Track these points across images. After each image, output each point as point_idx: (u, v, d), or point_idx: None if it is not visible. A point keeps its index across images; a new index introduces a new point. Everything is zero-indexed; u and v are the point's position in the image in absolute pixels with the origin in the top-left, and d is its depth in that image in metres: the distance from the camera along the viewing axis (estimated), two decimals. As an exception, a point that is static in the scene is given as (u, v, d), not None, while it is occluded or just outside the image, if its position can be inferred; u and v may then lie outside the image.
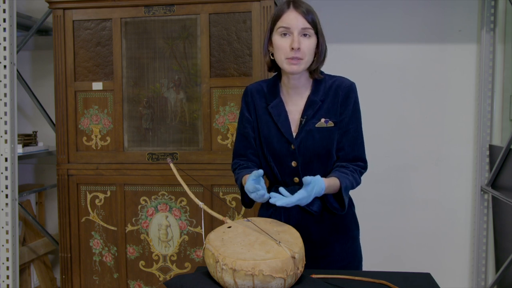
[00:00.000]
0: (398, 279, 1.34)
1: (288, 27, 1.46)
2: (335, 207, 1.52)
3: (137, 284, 2.50)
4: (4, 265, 2.36)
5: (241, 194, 1.61)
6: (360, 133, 1.56)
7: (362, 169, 1.56)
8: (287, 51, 1.46)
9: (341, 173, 1.48)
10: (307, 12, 1.46)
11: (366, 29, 2.88)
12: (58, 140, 2.51)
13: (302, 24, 1.45)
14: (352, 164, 1.53)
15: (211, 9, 2.35)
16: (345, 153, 1.54)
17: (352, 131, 1.54)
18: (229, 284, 1.19)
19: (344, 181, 1.45)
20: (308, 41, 1.47)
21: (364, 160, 1.57)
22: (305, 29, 1.46)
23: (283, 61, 1.48)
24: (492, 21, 2.75)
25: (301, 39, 1.45)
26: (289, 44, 1.45)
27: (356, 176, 1.51)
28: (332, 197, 1.52)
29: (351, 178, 1.48)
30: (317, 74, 1.54)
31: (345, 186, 1.45)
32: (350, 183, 1.47)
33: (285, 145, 1.53)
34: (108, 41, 2.45)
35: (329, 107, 1.53)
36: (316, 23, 1.48)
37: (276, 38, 1.49)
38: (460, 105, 2.87)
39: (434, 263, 2.92)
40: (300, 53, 1.45)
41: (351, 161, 1.54)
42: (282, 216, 1.57)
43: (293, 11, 1.46)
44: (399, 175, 2.92)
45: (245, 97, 1.63)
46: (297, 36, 1.45)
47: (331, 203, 1.52)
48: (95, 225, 2.52)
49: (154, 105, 2.45)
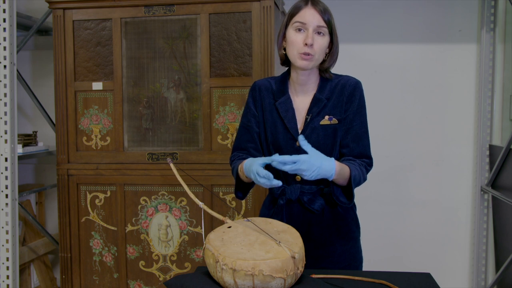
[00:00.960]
0: (398, 279, 1.34)
1: (304, 22, 1.48)
2: (342, 201, 1.50)
3: (137, 284, 2.50)
4: (4, 265, 2.36)
5: (235, 183, 1.60)
6: (365, 130, 1.56)
7: (368, 166, 1.55)
8: (300, 46, 1.48)
9: (350, 163, 1.48)
10: (324, 11, 1.49)
11: (366, 29, 2.88)
12: (58, 140, 2.51)
13: (317, 22, 1.48)
14: (358, 159, 1.53)
15: (211, 9, 2.35)
16: (349, 149, 1.54)
17: (356, 127, 1.54)
18: (229, 284, 1.19)
19: (353, 170, 1.45)
20: (321, 39, 1.49)
21: (369, 157, 1.56)
22: (320, 27, 1.48)
23: (295, 55, 1.50)
24: (492, 21, 2.75)
25: (315, 37, 1.48)
26: (303, 39, 1.48)
27: (363, 169, 1.51)
28: (340, 190, 1.50)
29: (359, 170, 1.48)
30: (328, 73, 1.56)
31: (354, 176, 1.44)
32: (358, 175, 1.46)
33: (290, 142, 1.55)
34: (108, 41, 2.45)
35: (334, 105, 1.54)
36: (332, 23, 1.51)
37: (290, 32, 1.51)
38: (460, 105, 2.87)
39: (434, 263, 2.92)
40: (312, 49, 1.47)
41: (357, 157, 1.54)
42: (284, 215, 1.57)
43: (311, 8, 1.49)
44: (399, 175, 2.92)
45: (252, 91, 1.64)
46: (311, 32, 1.47)
47: (337, 196, 1.49)
48: (95, 225, 2.52)
49: (154, 105, 2.45)
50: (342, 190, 1.50)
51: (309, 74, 1.55)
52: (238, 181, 1.59)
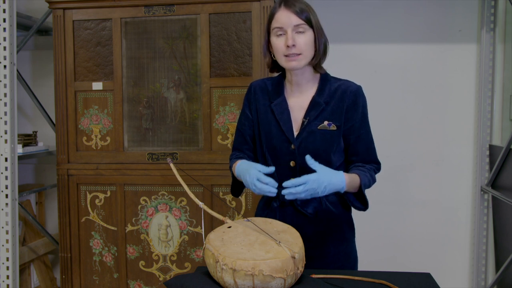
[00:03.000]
0: (398, 279, 1.34)
1: (281, 26, 1.47)
2: (357, 206, 1.53)
3: (137, 284, 2.50)
4: (4, 265, 2.36)
5: (232, 181, 1.63)
6: (371, 136, 1.59)
7: (377, 169, 1.60)
8: (284, 49, 1.47)
9: (360, 170, 1.51)
10: (299, 9, 1.47)
11: (366, 29, 2.88)
12: (58, 140, 2.51)
13: (295, 21, 1.46)
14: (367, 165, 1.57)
15: (211, 9, 2.35)
16: (359, 157, 1.57)
17: (364, 135, 1.56)
18: (229, 284, 1.19)
19: (363, 178, 1.48)
20: (303, 37, 1.47)
21: (378, 162, 1.61)
22: (298, 25, 1.46)
23: (282, 59, 1.50)
24: (492, 21, 2.75)
25: (295, 36, 1.46)
26: (284, 42, 1.47)
27: (372, 174, 1.55)
28: (353, 197, 1.53)
29: (368, 175, 1.51)
30: (320, 68, 1.55)
31: (364, 183, 1.48)
32: (368, 181, 1.50)
33: (285, 144, 1.53)
34: (108, 41, 2.45)
35: (333, 110, 1.53)
36: (310, 17, 1.48)
37: (273, 39, 1.51)
38: (460, 105, 2.87)
39: (434, 263, 2.92)
40: (296, 49, 1.46)
41: (367, 163, 1.57)
42: (278, 217, 1.56)
43: (284, 10, 1.47)
44: (399, 175, 2.92)
45: (248, 94, 1.65)
46: (291, 33, 1.46)
47: (352, 202, 1.53)
48: (95, 225, 2.52)
49: (154, 105, 2.45)
50: (356, 196, 1.53)
51: (303, 73, 1.54)
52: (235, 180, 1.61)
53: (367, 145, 1.57)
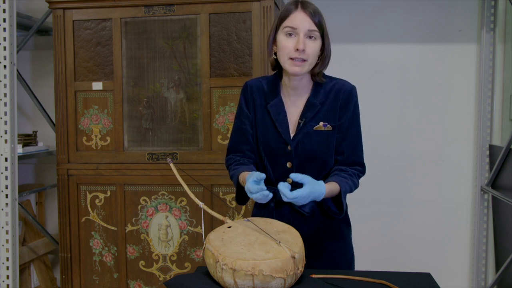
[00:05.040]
0: (398, 279, 1.34)
1: (295, 27, 1.45)
2: (333, 211, 1.52)
3: (137, 284, 2.50)
4: (4, 265, 2.36)
5: (236, 190, 1.59)
6: (360, 138, 1.57)
7: (360, 173, 1.57)
8: (292, 52, 1.45)
9: (341, 177, 1.48)
10: (315, 13, 1.46)
11: (366, 29, 2.88)
12: (58, 140, 2.51)
13: (308, 26, 1.44)
14: (350, 168, 1.54)
15: (211, 9, 2.35)
16: (344, 157, 1.54)
17: (351, 135, 1.54)
18: (229, 284, 1.19)
19: (343, 186, 1.46)
20: (313, 43, 1.46)
21: (362, 165, 1.58)
22: (312, 31, 1.45)
23: (286, 61, 1.47)
24: (492, 21, 2.75)
25: (306, 41, 1.45)
26: (294, 44, 1.45)
27: (354, 180, 1.52)
28: (331, 201, 1.52)
29: (350, 182, 1.49)
30: (320, 77, 1.53)
31: (344, 191, 1.46)
32: (349, 187, 1.48)
33: (282, 146, 1.53)
34: (108, 41, 2.45)
35: (329, 110, 1.52)
36: (323, 25, 1.47)
37: (281, 37, 1.48)
38: (460, 105, 2.87)
39: (434, 263, 2.92)
40: (305, 54, 1.45)
41: (350, 165, 1.55)
42: (274, 217, 1.56)
43: (301, 12, 1.46)
44: (399, 175, 2.92)
45: (244, 92, 1.62)
46: (302, 37, 1.44)
47: (329, 207, 1.52)
48: (95, 225, 2.52)
49: (154, 105, 2.45)
50: (333, 201, 1.51)
51: (301, 79, 1.52)
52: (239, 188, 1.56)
53: (353, 145, 1.55)
